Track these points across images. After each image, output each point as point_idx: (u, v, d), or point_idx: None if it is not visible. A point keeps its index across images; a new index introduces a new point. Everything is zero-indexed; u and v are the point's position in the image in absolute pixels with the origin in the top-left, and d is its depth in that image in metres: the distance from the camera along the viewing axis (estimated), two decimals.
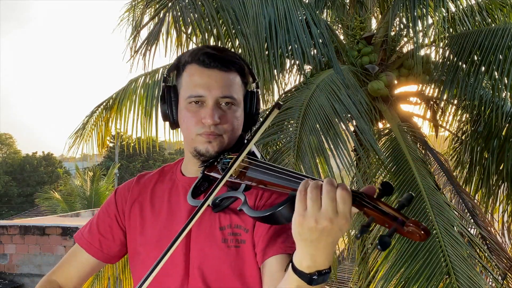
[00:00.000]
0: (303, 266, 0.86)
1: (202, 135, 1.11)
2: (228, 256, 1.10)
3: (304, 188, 0.84)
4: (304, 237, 0.84)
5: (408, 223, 0.78)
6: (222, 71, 1.11)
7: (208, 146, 1.11)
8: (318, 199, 0.82)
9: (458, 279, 2.68)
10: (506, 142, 3.80)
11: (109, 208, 1.25)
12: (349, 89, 3.42)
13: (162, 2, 3.55)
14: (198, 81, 1.11)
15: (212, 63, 1.11)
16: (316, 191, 0.82)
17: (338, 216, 0.81)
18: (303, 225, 0.82)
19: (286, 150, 3.04)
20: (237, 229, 1.11)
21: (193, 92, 1.11)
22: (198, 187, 1.12)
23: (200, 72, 1.11)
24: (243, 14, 3.47)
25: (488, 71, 3.46)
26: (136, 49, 3.42)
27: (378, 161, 3.47)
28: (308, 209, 0.82)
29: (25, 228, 8.28)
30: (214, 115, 1.09)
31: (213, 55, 1.11)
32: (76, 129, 4.95)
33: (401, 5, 3.82)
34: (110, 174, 17.72)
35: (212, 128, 1.09)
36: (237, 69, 1.14)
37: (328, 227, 0.81)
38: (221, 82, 1.11)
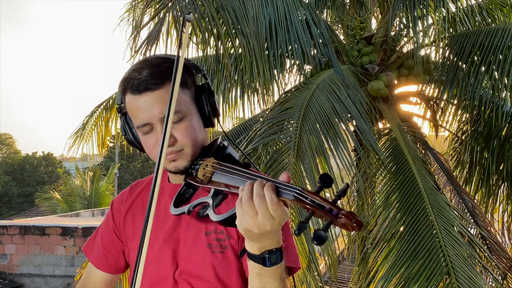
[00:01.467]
0: (254, 249, 0.93)
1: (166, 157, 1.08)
2: (213, 261, 1.10)
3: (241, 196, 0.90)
4: (254, 240, 0.91)
5: (341, 215, 0.79)
6: (154, 90, 1.07)
7: (174, 164, 1.11)
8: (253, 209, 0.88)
9: (458, 279, 2.68)
10: (506, 142, 3.80)
11: (108, 223, 1.28)
12: (349, 89, 3.43)
13: (162, 2, 3.54)
14: (137, 110, 1.09)
15: (141, 87, 1.07)
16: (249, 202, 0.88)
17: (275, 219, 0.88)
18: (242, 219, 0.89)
19: (286, 150, 3.05)
20: (221, 234, 1.12)
21: (138, 121, 1.10)
22: (182, 194, 1.12)
23: (134, 100, 1.09)
24: (243, 14, 3.47)
25: (488, 71, 3.45)
26: (136, 49, 3.42)
27: (378, 161, 3.47)
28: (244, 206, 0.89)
29: (25, 228, 8.29)
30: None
31: (137, 79, 1.07)
32: (76, 129, 4.96)
33: (401, 5, 3.82)
34: (110, 174, 17.72)
35: (170, 148, 1.08)
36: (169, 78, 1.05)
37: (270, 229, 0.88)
38: (159, 103, 1.07)
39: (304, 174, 2.94)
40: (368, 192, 3.45)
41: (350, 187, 0.82)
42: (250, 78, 3.54)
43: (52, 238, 8.18)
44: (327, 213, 0.80)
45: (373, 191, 3.51)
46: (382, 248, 3.06)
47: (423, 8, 3.78)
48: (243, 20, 3.46)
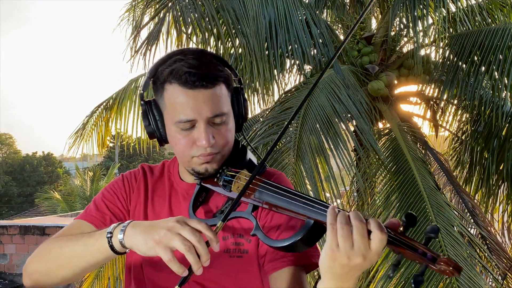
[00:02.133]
0: None
1: (199, 157, 1.05)
2: (230, 267, 1.08)
3: (333, 221, 0.83)
4: (333, 271, 0.84)
5: (439, 261, 0.78)
6: (207, 88, 1.02)
7: (206, 166, 1.06)
8: (349, 236, 0.81)
9: (458, 279, 2.68)
10: (506, 142, 3.80)
11: (116, 191, 1.19)
12: (349, 89, 3.43)
13: (162, 2, 3.54)
14: (185, 105, 1.01)
15: (197, 83, 1.00)
16: (347, 227, 0.81)
17: (371, 252, 0.81)
18: (335, 261, 0.82)
19: (286, 150, 3.05)
20: (240, 238, 1.09)
21: (182, 117, 1.02)
22: (196, 198, 1.10)
23: (185, 94, 1.01)
24: (243, 14, 3.47)
25: (488, 71, 3.45)
26: (137, 49, 3.42)
27: (378, 161, 3.47)
28: (341, 246, 0.81)
29: (25, 228, 8.28)
30: (209, 137, 1.02)
31: (194, 74, 1.00)
32: (76, 129, 4.95)
33: (401, 5, 3.82)
34: (110, 174, 17.73)
35: (209, 149, 1.03)
36: (221, 80, 1.04)
37: (360, 263, 0.81)
38: (209, 102, 1.02)
39: (304, 174, 2.94)
40: (368, 192, 3.45)
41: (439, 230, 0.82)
42: (250, 78, 3.54)
43: None
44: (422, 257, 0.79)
45: (373, 191, 3.51)
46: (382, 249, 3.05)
47: (423, 8, 3.78)
48: (243, 20, 3.46)
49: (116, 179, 1.23)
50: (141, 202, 1.18)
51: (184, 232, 0.89)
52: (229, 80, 1.07)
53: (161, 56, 1.10)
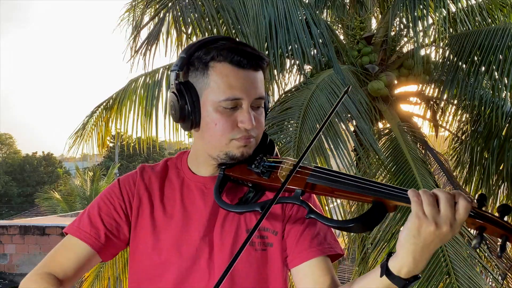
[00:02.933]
0: (403, 272, 0.88)
1: (238, 140, 1.03)
2: (255, 259, 1.07)
3: (417, 195, 0.86)
4: (417, 241, 0.85)
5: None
6: (256, 71, 1.05)
7: (243, 150, 1.05)
8: (436, 204, 0.84)
9: (458, 279, 2.68)
10: (506, 142, 3.80)
11: (113, 201, 1.12)
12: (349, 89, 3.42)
13: (162, 2, 3.55)
14: (235, 83, 1.01)
15: (248, 63, 1.02)
16: (433, 198, 0.85)
17: (456, 222, 0.84)
18: (421, 229, 0.84)
19: (286, 150, 3.05)
20: (265, 231, 1.08)
21: (230, 95, 1.01)
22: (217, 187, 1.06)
23: (235, 73, 1.02)
24: (243, 14, 3.47)
25: (488, 71, 3.46)
26: (136, 49, 3.43)
27: (378, 161, 3.47)
28: (428, 213, 0.83)
29: (25, 228, 8.29)
30: (252, 118, 1.02)
31: (247, 54, 1.03)
32: (76, 129, 4.95)
33: (401, 5, 3.82)
34: (110, 174, 17.74)
35: (250, 132, 1.03)
36: (263, 67, 1.07)
37: (446, 231, 0.84)
38: (256, 83, 1.04)
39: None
40: None
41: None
42: None
43: (52, 238, 8.17)
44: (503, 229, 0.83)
45: None
46: (382, 248, 3.06)
47: (423, 8, 3.78)
48: (243, 20, 3.46)
49: (112, 186, 1.15)
50: (145, 209, 1.12)
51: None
52: (266, 69, 1.10)
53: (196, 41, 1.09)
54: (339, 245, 1.10)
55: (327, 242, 1.07)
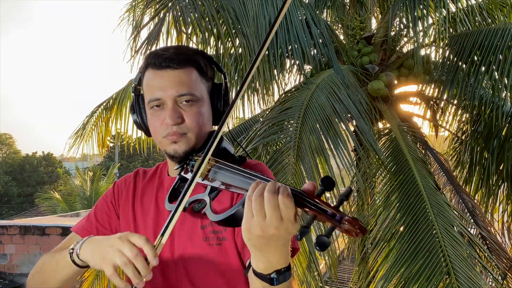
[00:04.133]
0: (260, 268, 0.87)
1: (166, 137, 1.11)
2: (210, 255, 1.11)
3: (250, 194, 0.83)
4: (253, 243, 0.84)
5: (344, 220, 0.76)
6: (175, 69, 1.10)
7: (174, 146, 1.11)
8: (262, 208, 0.81)
9: (458, 279, 2.68)
10: (506, 142, 3.80)
11: (106, 198, 1.27)
12: (349, 89, 3.43)
13: (162, 2, 3.55)
14: (153, 84, 1.10)
15: (163, 63, 1.10)
16: (259, 200, 0.81)
17: (283, 222, 0.80)
18: (251, 232, 0.82)
19: (286, 150, 3.04)
20: (217, 226, 1.11)
21: (151, 96, 1.11)
22: (176, 189, 1.12)
23: (153, 75, 1.11)
24: (243, 14, 3.47)
25: (488, 71, 3.45)
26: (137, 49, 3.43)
27: (378, 161, 3.47)
28: (254, 218, 0.81)
29: (25, 228, 8.28)
30: (173, 115, 1.08)
31: (162, 56, 1.10)
32: (76, 129, 4.96)
33: (401, 5, 3.82)
34: (110, 174, 17.73)
35: (175, 128, 1.09)
36: (192, 64, 1.12)
37: (275, 234, 0.81)
38: (175, 81, 1.09)
39: (304, 174, 2.94)
40: (368, 192, 3.45)
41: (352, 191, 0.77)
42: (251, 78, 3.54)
43: (52, 238, 8.17)
44: (330, 218, 0.77)
45: (373, 191, 3.51)
46: (382, 248, 3.06)
47: (423, 8, 3.78)
48: (243, 20, 3.46)
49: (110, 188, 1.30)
50: (129, 204, 1.23)
51: (123, 248, 0.92)
52: (201, 68, 1.14)
53: None
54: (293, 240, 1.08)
55: None
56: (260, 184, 0.84)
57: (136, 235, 0.95)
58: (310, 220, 0.79)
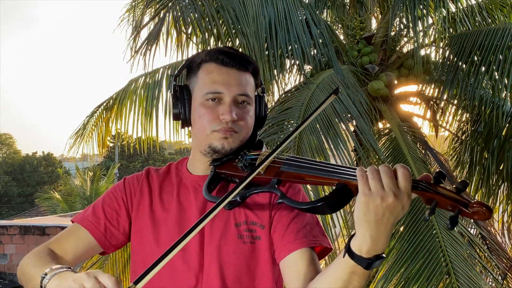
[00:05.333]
0: (363, 251, 0.89)
1: (219, 131, 1.11)
2: (243, 252, 1.11)
3: (362, 172, 0.88)
4: (368, 218, 0.87)
5: (472, 205, 0.82)
6: (239, 70, 1.14)
7: (224, 142, 1.12)
8: (379, 179, 0.86)
9: (458, 279, 2.68)
10: (506, 142, 3.80)
11: (117, 194, 1.22)
12: (349, 89, 3.43)
13: (162, 2, 3.55)
14: (217, 78, 1.12)
15: (231, 62, 1.13)
16: (376, 173, 0.87)
17: (401, 192, 0.85)
18: (369, 204, 0.86)
19: (286, 150, 3.05)
20: (253, 225, 1.12)
21: (211, 88, 1.12)
22: (209, 184, 1.12)
23: (218, 70, 1.13)
24: (243, 14, 3.47)
25: (488, 71, 3.45)
26: (137, 49, 3.43)
27: (378, 161, 3.47)
28: (373, 189, 0.86)
29: (25, 228, 8.28)
30: (232, 111, 1.10)
31: (232, 55, 1.14)
32: (76, 129, 4.95)
33: (401, 5, 3.82)
34: (110, 174, 17.73)
35: (230, 124, 1.11)
36: (252, 70, 1.17)
37: (393, 203, 0.85)
38: (239, 81, 1.13)
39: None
40: None
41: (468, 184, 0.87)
42: None
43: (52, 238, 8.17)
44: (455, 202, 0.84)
45: None
46: None
47: (423, 8, 3.78)
48: (243, 20, 3.46)
49: (119, 182, 1.26)
50: (145, 203, 1.20)
51: (86, 283, 0.88)
52: (257, 74, 1.19)
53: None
54: (327, 240, 1.13)
55: (313, 234, 1.10)
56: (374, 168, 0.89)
57: (106, 274, 0.91)
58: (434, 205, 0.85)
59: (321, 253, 1.12)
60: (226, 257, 1.11)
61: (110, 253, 1.28)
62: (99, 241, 1.18)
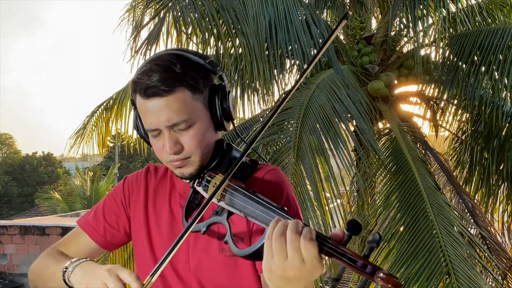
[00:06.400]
0: None
1: (170, 163, 1.08)
2: (225, 266, 1.09)
3: (270, 233, 0.82)
4: (274, 283, 0.82)
5: (378, 273, 0.74)
6: (162, 97, 1.01)
7: (180, 170, 1.08)
8: (283, 249, 0.79)
9: (458, 279, 2.68)
10: (506, 142, 3.80)
11: (116, 195, 1.23)
12: (349, 89, 3.43)
13: (162, 2, 3.55)
14: (145, 114, 1.05)
15: (149, 92, 1.01)
16: (280, 240, 0.80)
17: (306, 264, 0.79)
18: (272, 272, 0.81)
19: (286, 150, 3.05)
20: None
21: (147, 126, 1.06)
22: (191, 201, 1.11)
23: (143, 104, 1.04)
24: (243, 14, 3.47)
25: (488, 71, 3.45)
26: (137, 49, 3.43)
27: (378, 161, 3.47)
28: (275, 259, 0.80)
29: (25, 228, 8.28)
30: (171, 145, 1.04)
31: (146, 85, 1.01)
32: (76, 129, 4.96)
33: (401, 5, 3.82)
34: (110, 174, 17.72)
35: (175, 156, 1.06)
36: (181, 84, 1.03)
37: (297, 275, 0.79)
38: (165, 110, 1.02)
39: (304, 174, 2.94)
40: (368, 192, 3.45)
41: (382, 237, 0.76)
42: (250, 78, 3.55)
43: (52, 238, 8.17)
44: (361, 270, 0.75)
45: (373, 191, 3.51)
46: (382, 248, 3.06)
47: (423, 8, 3.78)
48: (243, 20, 3.46)
49: (119, 183, 1.26)
50: (140, 204, 1.20)
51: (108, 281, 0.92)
52: (193, 84, 1.05)
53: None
54: None
55: None
56: (280, 221, 0.82)
57: (126, 270, 0.93)
58: (341, 272, 0.77)
59: None
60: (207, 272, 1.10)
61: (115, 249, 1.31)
62: (100, 244, 1.21)
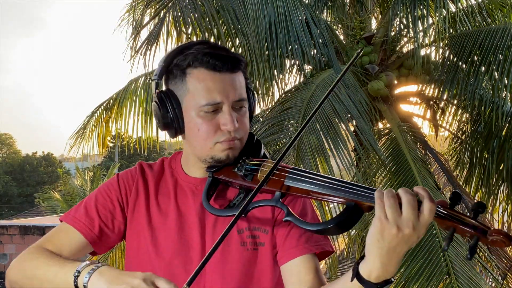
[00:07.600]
0: (372, 276, 0.86)
1: (222, 143, 1.05)
2: (246, 259, 1.08)
3: (380, 196, 0.84)
4: (381, 245, 0.84)
5: (490, 232, 0.79)
6: (233, 73, 1.05)
7: (228, 152, 1.06)
8: (397, 206, 0.82)
9: (458, 279, 2.68)
10: (506, 142, 3.80)
11: (110, 193, 1.14)
12: (349, 89, 3.43)
13: (162, 2, 3.55)
14: (212, 88, 1.03)
15: (224, 66, 1.03)
16: (393, 199, 0.83)
17: (420, 224, 0.82)
18: (384, 232, 0.83)
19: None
20: (256, 231, 1.09)
21: (209, 99, 1.03)
22: (208, 191, 1.08)
23: (212, 77, 1.03)
24: (243, 14, 3.47)
25: (488, 71, 3.46)
26: (137, 49, 3.43)
27: (378, 161, 3.47)
28: (389, 216, 0.82)
29: (25, 228, 8.27)
30: (234, 120, 1.03)
31: (222, 57, 1.04)
32: (76, 129, 4.96)
33: (401, 5, 3.82)
34: (110, 174, 17.72)
35: (233, 134, 1.04)
36: (240, 68, 1.08)
37: (409, 234, 0.82)
38: (234, 86, 1.04)
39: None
40: None
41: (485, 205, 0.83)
42: (250, 78, 3.54)
43: None
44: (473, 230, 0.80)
45: None
46: None
47: (423, 8, 3.78)
48: (243, 20, 3.47)
49: (111, 179, 1.17)
50: (141, 204, 1.14)
51: None
52: (245, 70, 1.10)
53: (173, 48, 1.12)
54: (329, 242, 1.10)
55: (315, 239, 1.07)
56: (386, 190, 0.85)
57: (163, 280, 0.87)
58: (452, 231, 0.81)
59: (322, 254, 1.09)
60: (229, 266, 1.07)
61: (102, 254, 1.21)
62: (92, 244, 1.11)
